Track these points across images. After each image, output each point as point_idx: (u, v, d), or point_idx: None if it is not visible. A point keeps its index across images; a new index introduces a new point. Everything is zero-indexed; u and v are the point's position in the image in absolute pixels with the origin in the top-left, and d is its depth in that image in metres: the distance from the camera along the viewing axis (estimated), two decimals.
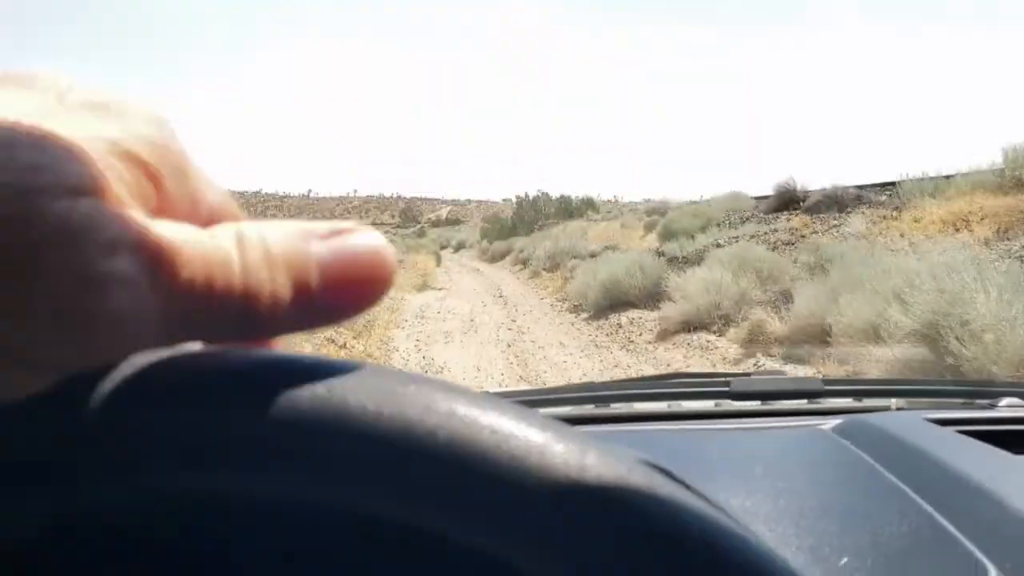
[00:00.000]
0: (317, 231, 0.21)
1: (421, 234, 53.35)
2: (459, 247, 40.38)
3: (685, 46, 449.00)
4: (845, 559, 0.54)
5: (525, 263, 21.18)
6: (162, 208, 0.20)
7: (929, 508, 0.57)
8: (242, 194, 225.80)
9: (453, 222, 60.95)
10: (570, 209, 32.46)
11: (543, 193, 32.43)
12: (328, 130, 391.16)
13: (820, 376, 1.28)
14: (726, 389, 1.01)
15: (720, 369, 5.84)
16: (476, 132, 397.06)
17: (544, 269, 18.50)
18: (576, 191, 35.92)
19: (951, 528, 0.54)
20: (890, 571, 0.53)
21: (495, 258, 28.38)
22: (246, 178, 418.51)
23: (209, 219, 0.22)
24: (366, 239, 0.21)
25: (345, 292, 0.21)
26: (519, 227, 30.92)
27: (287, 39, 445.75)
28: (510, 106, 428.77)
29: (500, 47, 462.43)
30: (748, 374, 1.12)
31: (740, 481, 0.68)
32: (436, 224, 62.35)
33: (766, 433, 0.89)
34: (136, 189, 0.19)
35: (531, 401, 0.99)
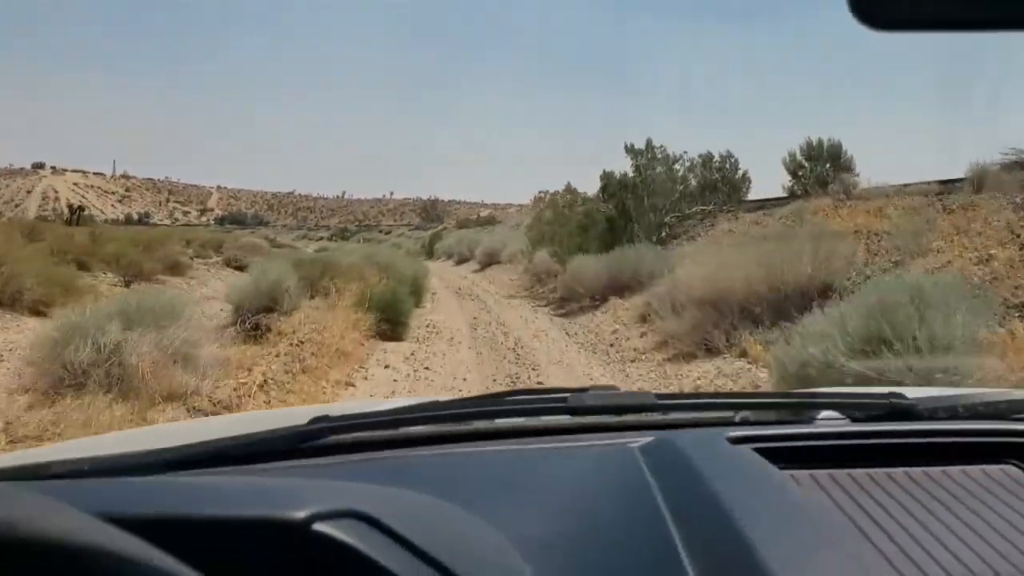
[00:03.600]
0: None
1: (436, 239, 35.29)
2: (488, 262, 21.52)
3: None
4: None
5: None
6: None
7: (675, 533, 0.62)
8: (275, 195, 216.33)
9: (486, 222, 42.57)
10: (731, 181, 14.31)
11: (674, 153, 13.61)
12: (364, 133, 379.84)
13: (654, 392, 1.11)
14: (563, 405, 1.00)
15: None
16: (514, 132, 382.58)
17: None
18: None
19: (682, 554, 0.58)
20: None
21: (570, 301, 10.36)
22: (280, 179, 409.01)
23: None
24: None
25: None
26: (624, 221, 12.50)
27: (318, 41, 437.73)
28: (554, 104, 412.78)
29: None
30: (585, 389, 1.02)
31: (529, 505, 0.73)
32: (463, 225, 44.02)
33: (575, 452, 0.92)
34: None
35: (372, 423, 0.96)
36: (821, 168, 12.76)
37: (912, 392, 1.02)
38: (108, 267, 12.80)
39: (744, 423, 1.00)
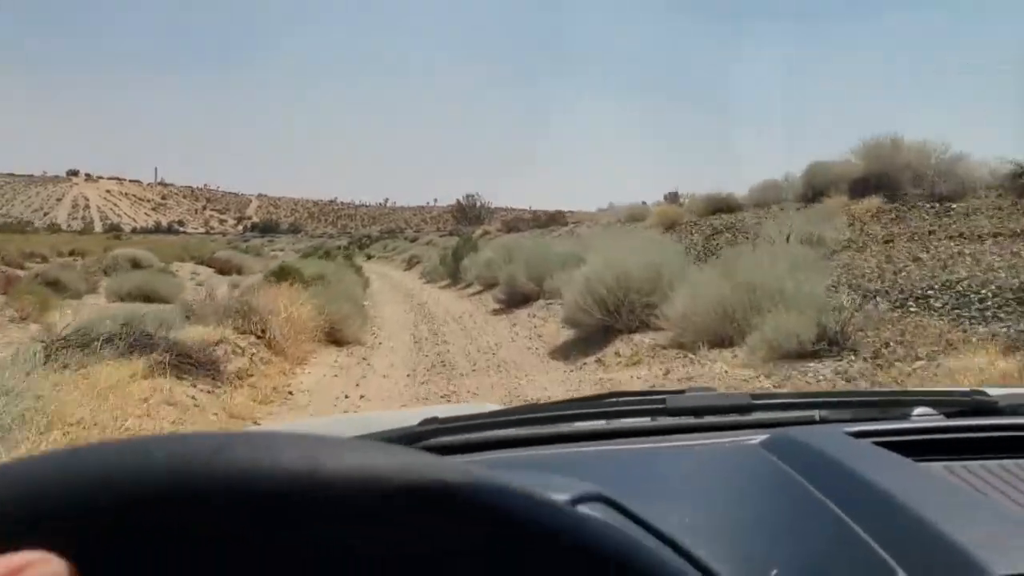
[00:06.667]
0: None
1: (466, 247, 21.00)
2: (592, 324, 7.52)
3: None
4: (775, 571, 0.59)
5: None
6: None
7: (848, 520, 0.62)
8: (316, 202, 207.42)
9: (546, 224, 28.04)
10: None
11: None
12: (407, 141, 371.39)
13: (747, 392, 1.33)
14: (662, 407, 1.02)
15: None
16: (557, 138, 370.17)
17: None
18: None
19: (867, 538, 0.59)
20: None
21: None
22: (324, 187, 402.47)
23: None
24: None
25: None
26: None
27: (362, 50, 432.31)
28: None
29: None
30: (683, 391, 1.08)
31: (681, 498, 0.74)
32: (511, 227, 29.53)
33: (699, 450, 0.93)
34: None
35: (479, 424, 1.01)
36: None
37: (991, 391, 1.05)
38: None
39: (843, 421, 0.98)
